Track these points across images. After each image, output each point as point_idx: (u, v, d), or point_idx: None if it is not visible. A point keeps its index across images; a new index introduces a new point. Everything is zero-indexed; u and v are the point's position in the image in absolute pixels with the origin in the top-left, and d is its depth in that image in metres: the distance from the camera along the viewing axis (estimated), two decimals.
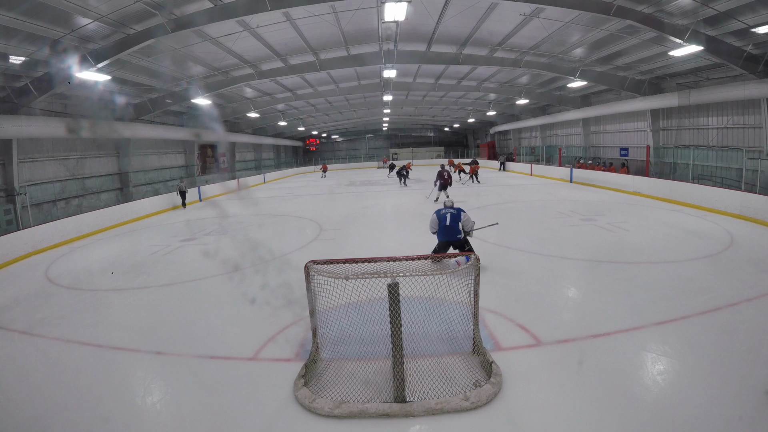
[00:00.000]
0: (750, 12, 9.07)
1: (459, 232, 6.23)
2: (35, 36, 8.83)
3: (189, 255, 8.64)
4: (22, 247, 9.44)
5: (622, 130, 19.10)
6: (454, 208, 6.46)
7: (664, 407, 3.11)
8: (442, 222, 6.28)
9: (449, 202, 6.69)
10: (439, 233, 6.35)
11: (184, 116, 20.01)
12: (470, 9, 10.46)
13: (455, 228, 6.21)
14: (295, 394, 3.41)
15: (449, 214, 6.28)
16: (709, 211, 10.44)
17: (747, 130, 12.71)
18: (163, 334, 4.85)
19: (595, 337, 4.23)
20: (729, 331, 4.29)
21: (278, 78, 15.73)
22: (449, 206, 6.54)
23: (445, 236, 6.25)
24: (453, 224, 6.21)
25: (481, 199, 14.51)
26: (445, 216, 6.28)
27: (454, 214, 6.30)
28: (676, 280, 5.74)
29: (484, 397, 3.25)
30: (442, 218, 6.29)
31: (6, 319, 5.63)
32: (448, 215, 6.27)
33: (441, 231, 6.31)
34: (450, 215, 6.27)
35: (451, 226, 6.22)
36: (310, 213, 13.44)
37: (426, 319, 4.30)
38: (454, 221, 6.23)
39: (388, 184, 22.21)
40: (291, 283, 5.71)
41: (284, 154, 39.60)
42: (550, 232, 8.98)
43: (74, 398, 3.62)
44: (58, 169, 13.77)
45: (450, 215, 6.27)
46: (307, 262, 3.62)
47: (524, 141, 30.36)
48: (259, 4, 8.95)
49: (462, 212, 6.36)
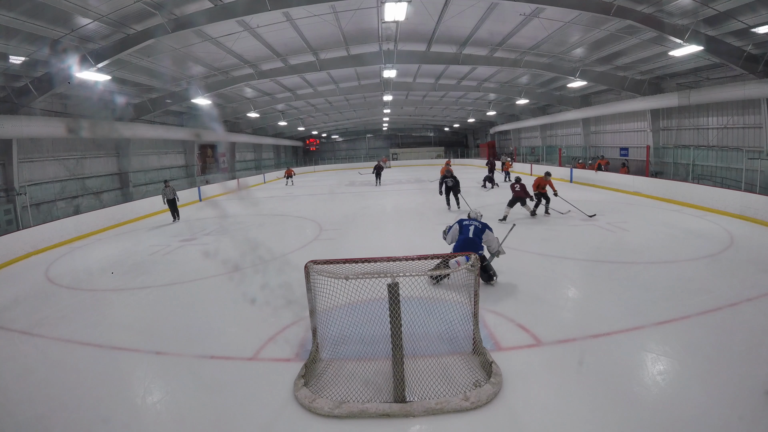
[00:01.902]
0: (750, 12, 9.07)
1: (479, 247, 5.57)
2: (35, 36, 8.83)
3: (189, 255, 8.64)
4: (22, 247, 9.44)
5: (622, 130, 19.10)
6: (480, 221, 5.82)
7: (664, 407, 3.11)
8: (464, 233, 5.69)
9: (476, 213, 6.07)
10: (457, 245, 5.65)
11: (184, 116, 20.01)
12: (470, 9, 10.46)
13: (477, 243, 5.57)
14: (295, 394, 3.41)
15: (473, 226, 5.68)
16: (709, 211, 10.44)
17: (747, 130, 12.71)
18: (163, 334, 4.85)
19: (595, 337, 4.22)
20: (729, 331, 4.28)
21: (278, 78, 15.73)
22: (474, 218, 5.92)
23: (463, 249, 5.43)
24: (475, 238, 5.61)
25: (482, 199, 14.50)
26: (468, 227, 5.68)
27: (479, 227, 5.69)
28: (676, 280, 5.73)
29: (484, 397, 3.25)
30: (465, 229, 5.68)
31: (6, 319, 5.63)
32: (472, 227, 5.67)
33: (460, 243, 5.64)
34: (474, 228, 5.67)
35: (473, 240, 5.60)
36: (310, 213, 13.44)
37: (426, 319, 4.30)
38: (477, 235, 5.62)
39: (388, 183, 22.21)
40: (291, 283, 5.70)
41: (284, 154, 39.60)
42: (550, 232, 8.98)
43: (74, 398, 3.62)
44: (58, 169, 13.77)
45: (474, 228, 5.67)
46: (307, 262, 3.61)
47: (524, 141, 30.36)
48: (259, 4, 8.95)
49: (488, 228, 5.71)
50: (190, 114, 19.88)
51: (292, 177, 26.94)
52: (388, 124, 38.65)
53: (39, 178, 12.94)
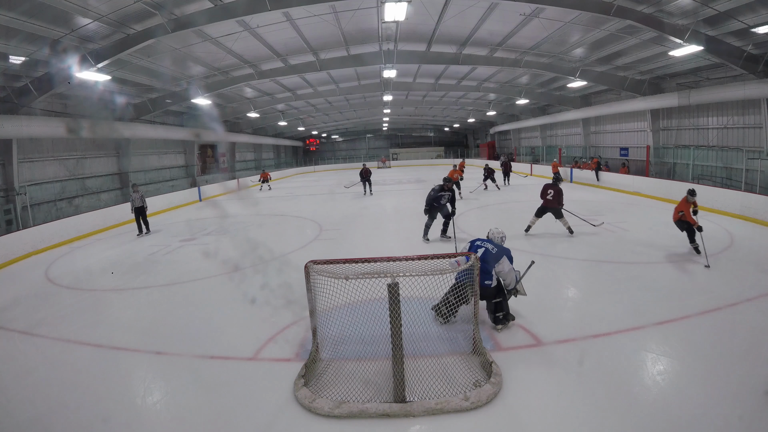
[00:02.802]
0: (750, 12, 9.07)
1: (488, 277, 4.34)
2: (35, 36, 8.83)
3: (189, 255, 8.64)
4: (22, 247, 9.44)
5: (622, 130, 19.10)
6: (497, 244, 4.54)
7: (664, 407, 3.11)
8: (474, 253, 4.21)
9: (497, 232, 4.73)
10: None
11: (184, 116, 20.01)
12: (470, 9, 10.46)
13: (486, 270, 4.31)
14: (295, 394, 3.41)
15: (484, 249, 4.44)
16: (709, 211, 10.43)
17: (747, 130, 12.71)
18: (163, 334, 4.85)
19: (595, 337, 4.22)
20: (729, 331, 4.29)
21: (278, 78, 15.73)
22: (492, 239, 4.65)
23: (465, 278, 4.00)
24: (484, 264, 4.30)
25: (481, 199, 14.51)
26: (478, 249, 4.45)
27: (491, 251, 4.43)
28: (676, 280, 5.74)
29: (484, 397, 3.25)
30: (474, 249, 4.45)
31: (6, 319, 5.63)
32: (483, 249, 4.44)
33: None
34: (485, 251, 4.42)
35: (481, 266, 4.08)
36: (310, 213, 13.44)
37: (426, 319, 4.30)
38: (488, 261, 4.36)
39: (388, 183, 22.21)
40: (291, 283, 5.70)
41: (284, 154, 39.59)
42: (550, 232, 8.97)
43: (74, 398, 3.62)
44: (58, 169, 13.77)
45: (485, 251, 4.42)
46: (307, 262, 3.61)
47: (524, 141, 30.36)
48: (259, 4, 8.94)
49: (506, 254, 4.44)
50: (190, 114, 19.88)
51: (269, 181, 23.27)
52: (388, 124, 38.64)
53: (39, 178, 12.93)
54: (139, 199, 10.98)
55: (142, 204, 11.04)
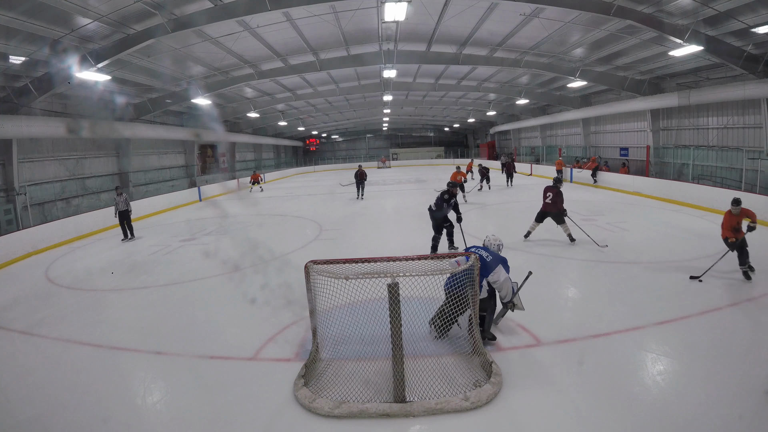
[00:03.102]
0: (750, 12, 9.06)
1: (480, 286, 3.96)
2: (35, 36, 8.83)
3: (189, 255, 8.64)
4: (22, 247, 9.45)
5: (622, 130, 19.09)
6: (493, 252, 4.23)
7: (664, 407, 3.11)
8: None
9: (494, 240, 4.41)
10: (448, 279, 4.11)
11: (184, 116, 20.01)
12: (470, 9, 10.45)
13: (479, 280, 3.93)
14: (295, 394, 3.42)
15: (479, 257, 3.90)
16: (709, 211, 10.43)
17: (747, 130, 12.71)
18: (163, 334, 4.85)
19: (595, 337, 4.23)
20: (729, 331, 4.29)
21: (278, 78, 15.73)
22: (487, 246, 4.33)
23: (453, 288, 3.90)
24: None
25: (482, 199, 14.51)
26: None
27: (486, 259, 4.07)
28: (676, 281, 5.74)
29: (484, 397, 3.26)
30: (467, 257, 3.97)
31: (6, 319, 5.63)
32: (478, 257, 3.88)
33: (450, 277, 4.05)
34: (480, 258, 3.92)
35: None
36: (310, 213, 13.44)
37: (426, 319, 4.30)
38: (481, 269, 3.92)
39: (388, 183, 22.21)
40: (291, 283, 5.70)
41: (284, 154, 39.60)
42: (550, 232, 8.96)
43: (74, 398, 3.62)
44: (58, 169, 13.76)
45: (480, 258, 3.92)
46: (307, 262, 3.61)
47: (524, 141, 30.36)
48: (259, 4, 8.95)
49: (501, 264, 4.09)
50: (190, 114, 19.88)
51: (260, 183, 22.09)
52: (388, 124, 38.64)
53: (39, 178, 12.93)
54: (124, 203, 10.50)
55: (126, 208, 10.56)
